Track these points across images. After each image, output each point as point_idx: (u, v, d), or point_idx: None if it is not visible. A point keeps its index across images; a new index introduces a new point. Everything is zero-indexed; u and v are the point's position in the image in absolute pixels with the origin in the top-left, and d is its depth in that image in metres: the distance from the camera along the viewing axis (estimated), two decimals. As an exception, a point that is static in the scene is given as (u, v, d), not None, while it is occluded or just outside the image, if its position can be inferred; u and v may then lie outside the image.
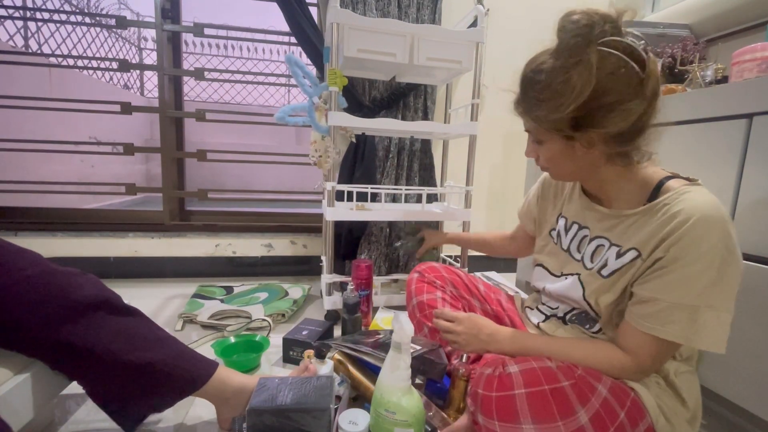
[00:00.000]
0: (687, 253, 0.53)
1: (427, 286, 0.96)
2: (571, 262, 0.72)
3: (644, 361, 0.58)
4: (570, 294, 0.70)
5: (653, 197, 0.59)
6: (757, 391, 0.74)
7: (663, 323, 0.55)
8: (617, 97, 0.53)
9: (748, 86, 0.79)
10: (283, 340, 1.03)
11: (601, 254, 0.66)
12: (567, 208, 0.77)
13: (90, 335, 0.61)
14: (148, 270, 1.73)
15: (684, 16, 1.38)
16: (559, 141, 0.61)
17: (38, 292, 0.59)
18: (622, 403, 0.57)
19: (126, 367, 0.63)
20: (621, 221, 0.63)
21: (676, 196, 0.56)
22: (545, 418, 0.53)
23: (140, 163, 3.86)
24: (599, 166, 0.62)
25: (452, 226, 1.78)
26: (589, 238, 0.69)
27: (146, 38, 3.92)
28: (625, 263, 0.61)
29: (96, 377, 0.65)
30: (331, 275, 1.30)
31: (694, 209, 0.53)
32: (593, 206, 0.69)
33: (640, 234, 0.59)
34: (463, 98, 1.74)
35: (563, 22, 0.55)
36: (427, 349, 0.82)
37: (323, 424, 0.67)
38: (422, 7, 1.56)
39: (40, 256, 0.64)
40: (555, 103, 0.56)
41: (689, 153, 0.91)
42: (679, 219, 0.54)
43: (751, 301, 0.75)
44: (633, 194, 0.62)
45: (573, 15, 0.54)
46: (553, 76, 0.55)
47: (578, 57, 0.53)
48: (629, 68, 0.53)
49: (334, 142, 1.23)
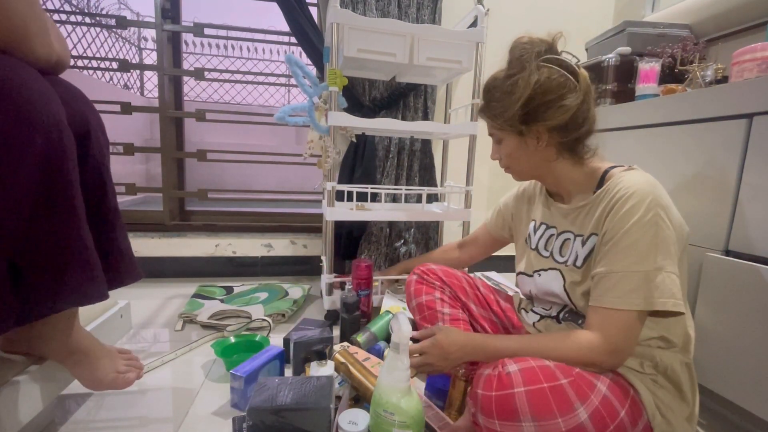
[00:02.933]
0: (625, 223, 0.60)
1: (426, 288, 0.96)
2: (540, 259, 0.77)
3: (613, 338, 0.60)
4: (551, 287, 0.73)
5: (600, 184, 0.68)
6: (757, 391, 0.74)
7: (620, 294, 0.59)
8: (554, 96, 0.65)
9: (748, 86, 0.79)
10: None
11: (569, 247, 0.72)
12: (536, 211, 0.83)
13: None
14: (148, 270, 1.72)
15: (684, 16, 1.38)
16: (513, 137, 0.72)
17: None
18: (622, 402, 0.58)
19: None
20: (578, 212, 0.71)
21: (616, 180, 0.65)
22: (545, 415, 0.54)
23: (140, 163, 3.85)
24: (552, 161, 0.72)
25: (452, 226, 1.79)
26: (556, 234, 0.76)
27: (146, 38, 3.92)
28: (590, 249, 0.67)
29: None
30: (331, 275, 1.30)
31: (627, 187, 0.62)
32: (557, 205, 0.77)
33: (593, 219, 0.67)
34: (463, 98, 1.74)
35: (514, 43, 0.69)
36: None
37: (323, 424, 0.67)
38: (422, 7, 1.56)
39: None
40: (506, 102, 0.68)
41: (689, 153, 0.91)
42: (617, 197, 0.63)
43: (751, 301, 0.75)
44: (584, 185, 0.71)
45: (522, 39, 0.69)
46: (504, 82, 0.69)
47: (522, 67, 0.67)
48: (562, 75, 0.66)
49: (333, 142, 1.23)
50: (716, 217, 0.84)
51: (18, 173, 0.49)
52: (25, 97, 0.49)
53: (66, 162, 0.54)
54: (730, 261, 0.80)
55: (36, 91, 0.51)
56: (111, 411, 0.84)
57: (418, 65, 1.23)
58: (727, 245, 0.82)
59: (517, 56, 0.68)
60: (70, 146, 0.55)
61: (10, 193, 0.49)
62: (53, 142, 0.52)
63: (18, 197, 0.49)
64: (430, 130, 1.33)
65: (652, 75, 1.15)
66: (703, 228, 0.86)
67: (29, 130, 0.49)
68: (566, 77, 0.66)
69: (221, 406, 0.87)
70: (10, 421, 0.60)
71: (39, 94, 0.51)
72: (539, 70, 0.66)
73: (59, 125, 0.53)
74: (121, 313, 0.96)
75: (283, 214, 1.90)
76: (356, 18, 1.15)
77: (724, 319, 0.80)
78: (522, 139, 0.71)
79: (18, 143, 0.48)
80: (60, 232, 0.55)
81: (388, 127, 1.25)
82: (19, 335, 0.65)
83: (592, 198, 0.68)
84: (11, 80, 0.48)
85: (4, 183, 0.48)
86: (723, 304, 0.81)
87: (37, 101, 0.50)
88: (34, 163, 0.50)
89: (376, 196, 1.45)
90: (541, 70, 0.66)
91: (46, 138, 0.51)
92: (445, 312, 0.92)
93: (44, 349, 0.67)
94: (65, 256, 0.56)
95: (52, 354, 0.68)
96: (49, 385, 0.68)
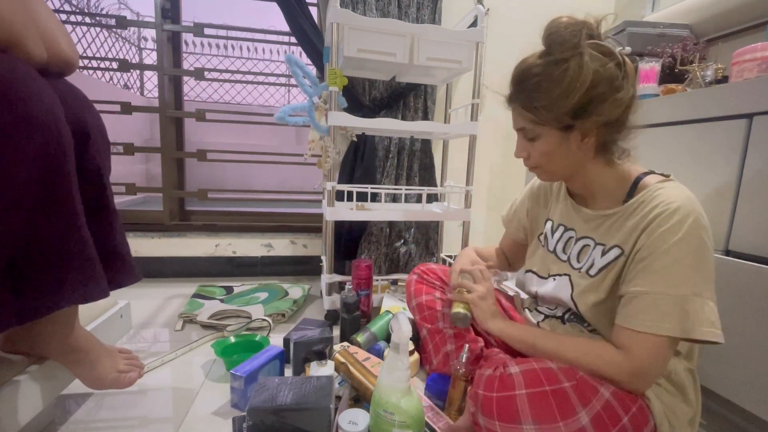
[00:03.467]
0: (664, 243, 0.56)
1: (426, 287, 0.96)
2: (558, 263, 0.74)
3: (640, 360, 0.56)
4: (559, 294, 0.71)
5: (631, 193, 0.63)
6: (757, 391, 0.74)
7: (654, 318, 0.55)
8: (607, 88, 0.58)
9: (748, 86, 0.79)
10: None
11: (587, 254, 0.68)
12: (553, 211, 0.79)
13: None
14: (148, 270, 1.72)
15: (684, 16, 1.38)
16: (555, 134, 0.63)
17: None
18: (626, 408, 0.56)
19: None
20: (603, 221, 0.66)
21: (651, 192, 0.60)
22: (546, 419, 0.54)
23: (140, 163, 3.85)
24: (587, 162, 0.66)
25: (452, 226, 1.78)
26: (575, 238, 0.71)
27: (146, 38, 3.91)
28: (609, 261, 0.63)
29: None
30: (331, 275, 1.30)
31: (669, 202, 0.57)
32: (579, 208, 0.72)
33: (621, 231, 0.62)
34: (463, 98, 1.74)
35: (553, 24, 0.60)
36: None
37: (323, 424, 0.67)
38: (422, 7, 1.56)
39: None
40: (555, 92, 0.59)
41: (689, 153, 0.91)
42: (655, 212, 0.57)
43: (751, 301, 0.75)
44: (614, 190, 0.66)
45: (561, 19, 0.59)
46: (550, 68, 0.59)
47: (572, 52, 0.57)
48: (612, 66, 0.58)
49: (334, 142, 1.23)
50: (716, 217, 0.84)
51: (17, 170, 0.49)
52: (23, 95, 0.49)
53: (65, 160, 0.54)
54: (730, 261, 0.80)
55: (34, 90, 0.51)
56: (111, 411, 0.84)
57: (418, 65, 1.23)
58: (727, 245, 0.82)
59: (563, 39, 0.58)
60: (68, 144, 0.55)
61: (9, 190, 0.49)
62: (52, 139, 0.52)
63: (17, 194, 0.49)
64: (430, 130, 1.33)
65: (652, 75, 1.15)
66: (703, 228, 0.86)
67: (27, 127, 0.49)
68: (615, 69, 0.58)
69: (221, 406, 0.87)
70: (10, 421, 0.60)
71: (36, 92, 0.51)
72: (590, 57, 0.57)
73: (57, 123, 0.53)
74: (121, 313, 0.96)
75: (283, 214, 1.90)
76: (356, 18, 1.15)
77: (724, 319, 0.79)
78: (565, 135, 0.62)
79: (16, 140, 0.48)
80: (60, 230, 0.55)
81: (388, 127, 1.25)
82: (19, 335, 0.65)
83: (622, 208, 0.63)
84: (8, 78, 0.48)
85: (3, 180, 0.48)
86: (723, 304, 0.80)
87: (35, 99, 0.50)
88: (33, 160, 0.50)
89: (376, 196, 1.45)
90: (591, 58, 0.57)
91: (44, 135, 0.51)
92: (445, 311, 0.92)
93: (44, 348, 0.67)
94: (65, 254, 0.56)
95: (52, 353, 0.68)
96: (49, 385, 0.68)
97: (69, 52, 0.62)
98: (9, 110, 0.48)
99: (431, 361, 0.93)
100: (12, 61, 0.51)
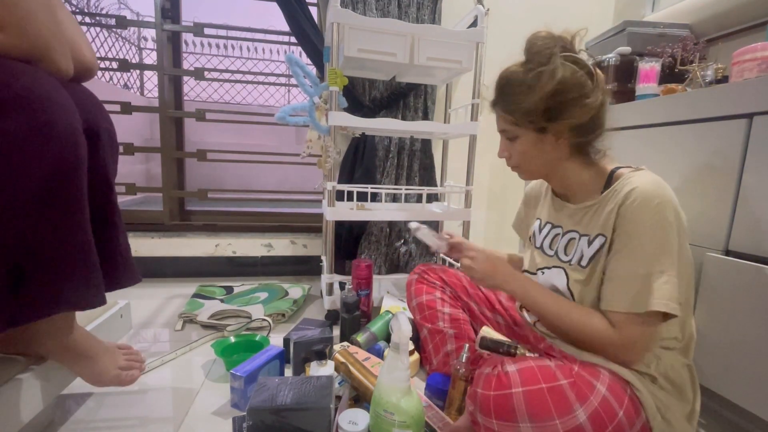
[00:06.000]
0: (633, 227, 0.61)
1: (426, 287, 0.96)
2: (544, 257, 0.77)
3: (630, 338, 0.61)
4: (554, 282, 0.73)
5: (608, 185, 0.68)
6: (757, 391, 0.74)
7: (629, 298, 0.60)
8: (577, 94, 0.64)
9: (748, 86, 0.79)
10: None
11: (574, 246, 0.71)
12: (541, 210, 0.83)
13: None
14: (148, 270, 1.72)
15: (684, 16, 1.38)
16: (531, 134, 0.69)
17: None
18: (621, 402, 0.57)
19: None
20: (585, 212, 0.71)
21: (624, 180, 0.65)
22: (542, 417, 0.54)
23: (140, 163, 3.85)
24: (563, 161, 0.71)
25: (452, 226, 1.78)
26: (561, 234, 0.75)
27: (146, 38, 3.91)
28: (596, 249, 0.66)
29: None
30: (331, 275, 1.30)
31: (636, 189, 0.62)
32: (563, 204, 0.77)
33: (600, 219, 0.66)
34: (463, 98, 1.74)
35: (533, 38, 0.67)
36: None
37: (323, 424, 0.67)
38: (422, 7, 1.56)
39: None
40: (528, 96, 0.66)
41: (689, 153, 0.91)
42: (624, 195, 0.63)
43: (751, 301, 0.75)
44: (591, 185, 0.71)
45: (540, 33, 0.67)
46: (525, 75, 0.67)
47: (545, 60, 0.65)
48: (582, 75, 0.65)
49: (334, 142, 1.23)
50: (716, 217, 0.84)
51: (29, 178, 0.50)
52: (46, 108, 0.51)
53: (77, 172, 0.55)
54: (730, 261, 0.80)
55: (57, 103, 0.52)
56: (111, 411, 0.84)
57: (419, 65, 1.23)
58: (727, 245, 0.82)
59: (539, 50, 0.66)
60: (83, 157, 0.56)
61: (19, 195, 0.50)
62: (67, 152, 0.53)
63: (26, 201, 0.51)
64: (430, 130, 1.33)
65: (652, 75, 1.15)
66: (703, 228, 0.86)
67: (44, 140, 0.51)
68: (585, 77, 0.65)
69: (221, 406, 0.87)
70: (10, 421, 0.60)
71: (59, 105, 0.53)
72: (562, 67, 0.64)
73: (75, 136, 0.55)
74: (121, 313, 0.96)
75: (283, 214, 1.90)
76: (357, 18, 1.15)
77: (724, 319, 0.80)
78: (540, 136, 0.69)
79: (31, 149, 0.50)
80: (65, 238, 0.56)
81: (388, 127, 1.25)
82: (16, 335, 0.65)
83: (600, 197, 0.68)
84: (33, 91, 0.50)
85: (15, 186, 0.49)
86: (723, 304, 0.80)
87: (57, 112, 0.52)
88: (45, 171, 0.51)
89: (377, 195, 1.45)
90: (563, 67, 0.64)
91: (60, 148, 0.52)
92: (445, 311, 0.92)
93: (42, 348, 0.67)
94: (68, 261, 0.57)
95: (50, 353, 0.68)
96: (49, 384, 0.68)
97: (90, 58, 0.65)
98: (28, 120, 0.49)
99: (431, 361, 0.93)
100: (37, 73, 0.52)
